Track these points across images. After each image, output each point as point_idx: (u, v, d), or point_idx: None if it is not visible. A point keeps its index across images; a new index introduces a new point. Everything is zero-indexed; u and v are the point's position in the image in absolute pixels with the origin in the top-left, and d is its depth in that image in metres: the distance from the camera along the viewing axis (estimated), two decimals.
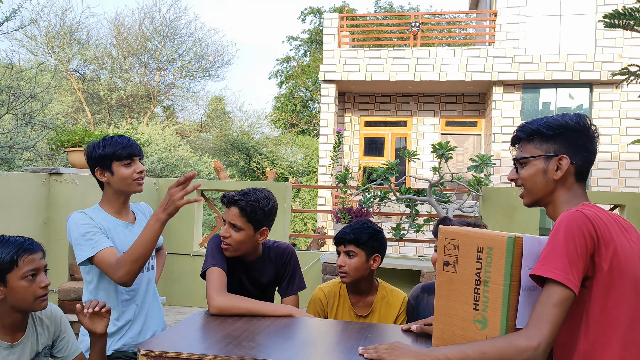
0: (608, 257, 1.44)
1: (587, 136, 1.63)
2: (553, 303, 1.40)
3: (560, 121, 1.63)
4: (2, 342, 1.86)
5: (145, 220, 2.49)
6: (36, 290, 1.85)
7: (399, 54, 11.95)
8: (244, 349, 1.73)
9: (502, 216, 5.37)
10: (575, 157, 1.62)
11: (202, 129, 22.87)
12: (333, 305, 2.49)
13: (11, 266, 1.81)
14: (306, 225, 17.37)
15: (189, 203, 2.12)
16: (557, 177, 1.62)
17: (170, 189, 2.09)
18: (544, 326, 1.40)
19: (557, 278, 1.40)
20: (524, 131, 1.69)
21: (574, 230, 1.44)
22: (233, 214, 2.31)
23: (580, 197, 1.64)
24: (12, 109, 8.70)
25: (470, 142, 13.05)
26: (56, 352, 2.04)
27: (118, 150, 2.28)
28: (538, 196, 1.67)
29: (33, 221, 4.17)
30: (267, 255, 2.47)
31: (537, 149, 1.65)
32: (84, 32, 19.85)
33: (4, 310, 1.86)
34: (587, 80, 11.23)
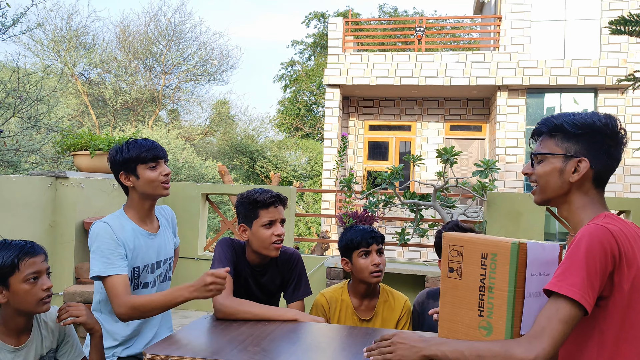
0: (630, 277, 1.38)
1: (613, 140, 1.53)
2: (560, 319, 1.35)
3: (588, 120, 1.52)
4: (7, 346, 1.87)
5: (168, 227, 2.47)
6: (38, 292, 1.85)
7: (403, 58, 11.97)
8: (249, 353, 1.74)
9: (506, 221, 5.36)
10: (596, 162, 1.52)
11: (206, 132, 22.91)
12: (335, 310, 2.50)
13: (12, 269, 1.82)
14: (310, 230, 17.37)
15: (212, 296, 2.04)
16: (573, 180, 1.53)
17: (208, 275, 1.98)
18: (545, 340, 1.35)
19: (573, 296, 1.34)
20: (547, 125, 1.59)
21: (596, 247, 1.37)
22: (282, 210, 2.37)
23: (598, 204, 1.55)
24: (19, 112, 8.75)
25: (475, 147, 13.04)
26: (60, 355, 2.05)
27: (143, 153, 2.23)
28: (550, 196, 1.59)
29: (39, 224, 4.19)
30: (274, 260, 2.48)
31: (557, 147, 1.55)
32: (90, 35, 19.95)
33: (7, 314, 1.87)
34: (592, 85, 11.21)
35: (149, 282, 2.33)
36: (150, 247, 2.31)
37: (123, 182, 2.30)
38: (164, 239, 2.40)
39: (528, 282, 1.50)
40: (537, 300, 1.52)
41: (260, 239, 2.34)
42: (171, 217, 2.53)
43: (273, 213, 2.35)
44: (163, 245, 2.38)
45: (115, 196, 4.79)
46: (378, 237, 2.46)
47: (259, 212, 2.34)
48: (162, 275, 2.39)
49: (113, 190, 4.78)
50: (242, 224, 2.39)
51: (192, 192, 5.98)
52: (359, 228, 2.50)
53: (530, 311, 1.51)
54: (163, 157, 2.30)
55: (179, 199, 5.96)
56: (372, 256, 2.42)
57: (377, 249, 2.45)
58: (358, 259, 2.44)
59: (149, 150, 2.25)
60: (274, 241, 2.33)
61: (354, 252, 2.45)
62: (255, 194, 2.37)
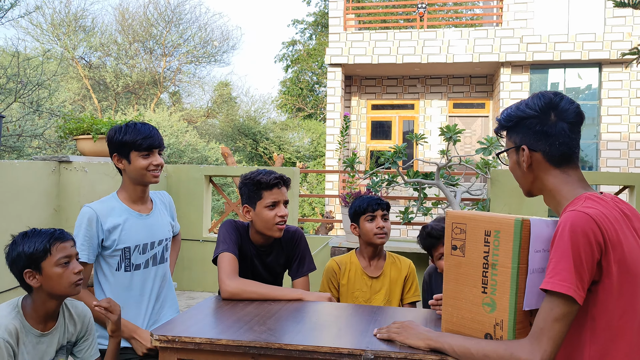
0: (616, 260, 1.38)
1: (546, 119, 1.54)
2: (555, 318, 1.37)
3: (516, 111, 1.59)
4: (35, 330, 1.92)
5: (164, 210, 2.48)
6: (70, 276, 1.91)
7: (405, 36, 11.85)
8: (255, 333, 1.76)
9: (510, 198, 5.36)
10: (536, 145, 1.56)
11: (208, 114, 22.86)
12: (345, 271, 2.66)
13: (45, 254, 1.88)
14: (314, 210, 17.41)
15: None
16: (524, 168, 1.59)
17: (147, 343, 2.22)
18: (545, 342, 1.37)
19: (566, 292, 1.35)
20: (497, 126, 1.67)
21: (579, 237, 1.37)
22: (285, 191, 2.42)
23: (571, 183, 1.55)
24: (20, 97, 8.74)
25: (478, 124, 12.98)
26: (77, 351, 2.10)
27: (138, 140, 2.26)
28: (525, 187, 1.65)
29: (44, 209, 4.21)
30: (278, 240, 2.50)
31: (509, 141, 1.64)
32: (89, 18, 19.82)
33: (39, 299, 1.92)
34: (596, 60, 11.10)
35: (140, 263, 2.34)
36: (142, 227, 2.33)
37: (115, 164, 2.35)
38: (157, 219, 2.41)
39: (531, 258, 1.51)
40: (540, 277, 1.53)
41: (264, 220, 2.36)
42: (168, 201, 2.56)
43: (276, 194, 2.36)
44: (157, 226, 2.40)
45: (118, 180, 4.77)
46: (383, 203, 2.64)
47: (262, 193, 2.36)
48: (157, 257, 2.40)
49: (117, 174, 4.78)
50: (246, 204, 2.41)
51: (195, 174, 5.99)
52: (367, 197, 2.68)
53: (534, 287, 1.52)
54: (158, 147, 2.31)
55: (182, 181, 5.97)
56: (377, 220, 2.61)
57: (382, 215, 2.62)
58: (365, 222, 2.63)
59: (144, 139, 2.27)
60: (277, 222, 2.36)
61: (361, 216, 2.64)
62: (259, 175, 2.38)
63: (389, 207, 2.67)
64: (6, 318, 1.86)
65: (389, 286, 2.64)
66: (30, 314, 1.93)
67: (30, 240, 1.90)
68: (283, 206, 2.38)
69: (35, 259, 1.88)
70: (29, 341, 1.90)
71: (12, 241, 1.94)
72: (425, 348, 1.60)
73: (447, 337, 1.59)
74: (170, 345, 1.73)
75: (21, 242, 1.91)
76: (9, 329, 1.83)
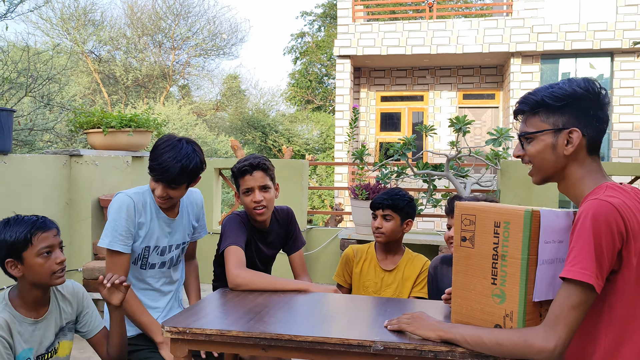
0: (637, 251, 1.36)
1: (597, 103, 1.48)
2: (572, 305, 1.35)
3: (568, 90, 1.48)
4: (28, 319, 1.93)
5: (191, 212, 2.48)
6: (52, 266, 1.90)
7: (414, 26, 11.78)
8: (265, 324, 1.77)
9: (520, 190, 5.33)
10: (587, 129, 1.48)
11: (217, 107, 22.90)
12: (360, 260, 2.72)
13: (26, 244, 1.86)
14: (323, 202, 17.42)
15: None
16: (568, 153, 1.49)
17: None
18: (561, 329, 1.36)
19: (587, 280, 1.33)
20: (527, 103, 1.55)
21: (602, 226, 1.35)
22: (260, 176, 2.42)
23: (596, 172, 1.51)
24: (31, 91, 8.79)
25: (488, 115, 12.90)
26: (80, 326, 2.11)
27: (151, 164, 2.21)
28: (548, 173, 1.55)
29: (56, 203, 4.25)
30: (275, 219, 2.60)
31: (543, 123, 1.51)
32: (98, 12, 19.90)
33: (24, 288, 1.92)
34: (608, 50, 10.97)
35: (156, 263, 2.38)
36: (164, 230, 2.36)
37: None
38: (180, 225, 2.43)
39: (541, 249, 1.50)
40: (550, 268, 1.52)
41: (245, 206, 2.46)
42: (197, 201, 2.54)
43: (249, 181, 2.41)
44: (178, 231, 2.42)
45: (129, 173, 4.83)
46: (384, 203, 2.64)
47: (239, 181, 2.45)
48: (173, 259, 2.44)
49: (127, 167, 4.82)
50: (236, 192, 2.56)
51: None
52: (382, 191, 2.73)
53: (544, 279, 1.51)
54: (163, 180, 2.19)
55: None
56: (377, 220, 2.67)
57: (383, 215, 2.64)
58: (372, 220, 2.71)
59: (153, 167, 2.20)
60: (254, 207, 2.41)
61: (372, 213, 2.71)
62: (237, 164, 2.45)
63: (394, 206, 2.63)
64: None
65: (400, 281, 2.66)
66: (19, 303, 1.92)
67: (12, 229, 1.87)
68: (257, 192, 2.40)
69: (17, 249, 1.86)
70: (24, 330, 1.91)
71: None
72: (436, 339, 1.58)
73: (458, 328, 1.58)
74: (181, 336, 1.74)
75: (2, 231, 1.88)
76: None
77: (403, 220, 2.67)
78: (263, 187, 2.41)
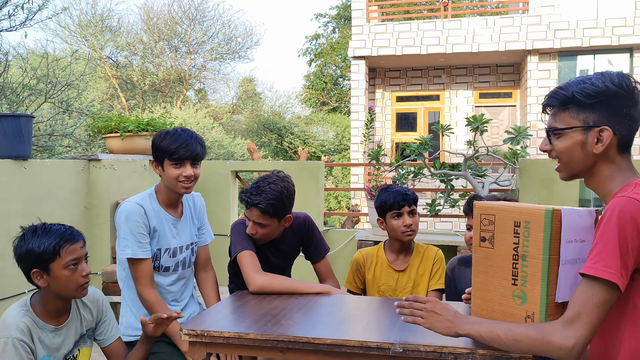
0: None
1: (631, 101, 1.43)
2: (595, 303, 1.32)
3: (600, 86, 1.42)
4: (49, 326, 1.93)
5: (194, 214, 2.50)
6: (78, 278, 1.89)
7: (429, 26, 11.71)
8: (282, 327, 1.76)
9: (540, 189, 5.26)
10: (618, 127, 1.43)
11: (233, 110, 23.01)
12: (371, 265, 2.63)
13: (54, 256, 1.85)
14: (340, 204, 17.40)
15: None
16: (597, 151, 1.44)
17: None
18: (582, 327, 1.33)
19: (610, 278, 1.30)
20: (557, 98, 1.49)
21: (628, 223, 1.31)
22: (256, 215, 2.34)
23: (626, 171, 1.46)
24: (50, 97, 8.91)
25: (505, 114, 12.77)
26: (97, 334, 2.11)
27: (172, 149, 2.24)
28: (576, 170, 1.51)
29: (75, 207, 4.29)
30: (288, 227, 2.54)
31: (573, 119, 1.46)
32: (115, 19, 20.12)
33: (47, 297, 1.92)
34: (627, 45, 10.79)
35: (169, 266, 2.40)
36: (172, 232, 2.38)
37: (154, 169, 2.36)
38: (186, 225, 2.46)
39: (563, 249, 1.47)
40: (573, 268, 1.49)
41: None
42: (199, 205, 2.56)
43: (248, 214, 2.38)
44: (185, 231, 2.44)
45: (146, 177, 4.87)
46: (410, 198, 2.53)
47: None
48: (185, 261, 2.46)
49: (145, 171, 4.85)
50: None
51: (221, 170, 6.03)
52: (392, 190, 2.57)
53: (567, 279, 1.48)
54: (189, 158, 2.27)
55: (209, 177, 6.02)
56: (404, 217, 2.51)
57: (409, 210, 2.53)
58: (391, 220, 2.55)
59: (177, 148, 2.24)
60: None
61: (387, 213, 2.55)
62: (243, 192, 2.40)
63: (416, 200, 2.56)
64: (16, 317, 1.86)
65: (416, 279, 2.59)
66: (40, 310, 1.92)
67: (40, 238, 1.86)
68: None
69: (44, 260, 1.85)
70: (45, 336, 1.91)
71: (21, 235, 1.90)
72: (452, 335, 1.55)
73: (474, 324, 1.52)
74: (199, 339, 1.74)
75: (31, 239, 1.86)
76: (20, 327, 1.83)
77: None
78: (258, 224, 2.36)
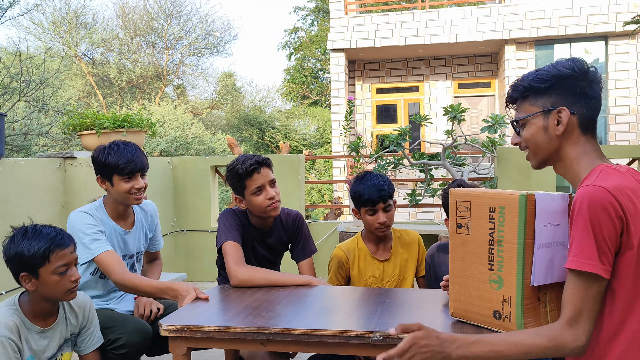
0: (637, 231, 1.36)
1: (585, 81, 1.49)
2: (593, 297, 1.36)
3: (552, 71, 1.50)
4: (35, 327, 1.91)
5: (146, 224, 2.53)
6: (67, 283, 1.88)
7: (407, 17, 11.73)
8: (263, 319, 1.76)
9: (518, 176, 5.32)
10: (575, 107, 1.48)
11: (213, 106, 22.85)
12: (354, 259, 2.53)
13: (43, 261, 1.83)
14: (322, 197, 17.42)
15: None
16: (559, 133, 1.49)
17: (187, 294, 2.05)
18: (586, 322, 1.36)
19: (597, 272, 1.33)
20: (516, 89, 1.56)
21: (599, 213, 1.34)
22: (267, 172, 2.39)
23: (592, 153, 1.50)
24: (24, 95, 8.76)
25: (484, 104, 12.87)
26: (79, 341, 2.09)
27: (120, 165, 2.26)
28: (544, 156, 1.54)
29: (52, 206, 4.23)
30: (278, 221, 2.53)
31: (533, 106, 1.52)
32: (90, 15, 19.86)
33: (35, 299, 1.91)
34: (602, 33, 10.93)
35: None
36: (120, 242, 2.41)
37: (99, 185, 2.37)
38: (135, 235, 2.48)
39: (538, 233, 1.49)
40: (548, 252, 1.51)
41: (256, 205, 2.38)
42: (151, 214, 2.59)
43: (258, 179, 2.36)
44: (133, 242, 2.47)
45: None
46: (385, 195, 2.42)
47: (245, 182, 2.37)
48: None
49: None
50: (237, 196, 2.45)
51: (201, 165, 5.99)
52: (368, 183, 2.45)
53: (542, 262, 1.50)
54: (139, 171, 2.31)
55: (188, 173, 5.98)
56: (378, 214, 2.43)
57: (384, 207, 2.43)
58: (365, 215, 2.46)
59: (127, 163, 2.27)
60: (268, 205, 2.37)
61: (362, 207, 2.47)
62: (237, 166, 2.38)
63: (391, 194, 2.46)
64: (4, 316, 1.84)
65: (401, 266, 2.54)
66: (28, 311, 1.91)
67: (30, 242, 1.83)
68: (269, 188, 2.37)
69: (33, 264, 1.83)
70: (31, 337, 1.90)
71: (11, 236, 1.88)
72: None
73: (469, 346, 1.38)
74: (179, 334, 1.73)
75: (20, 241, 1.84)
76: (9, 325, 1.82)
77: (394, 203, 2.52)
78: (272, 182, 2.39)
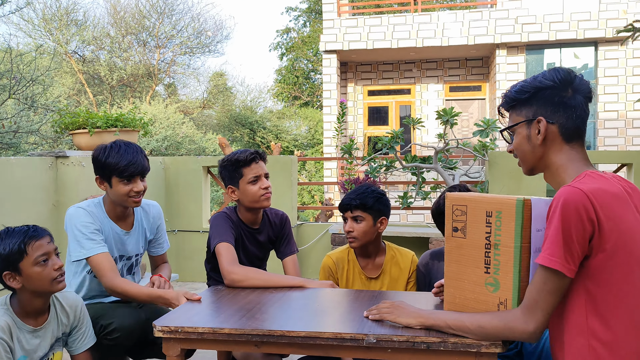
0: (612, 235, 1.37)
1: (564, 91, 1.53)
2: (549, 290, 1.41)
3: (533, 82, 1.56)
4: (27, 326, 1.91)
5: (146, 226, 2.48)
6: (51, 273, 1.88)
7: (399, 20, 11.78)
8: (257, 321, 1.76)
9: (509, 180, 5.36)
10: (554, 117, 1.53)
11: (204, 105, 22.77)
12: (343, 271, 2.48)
13: (21, 255, 1.84)
14: (313, 198, 17.42)
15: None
16: (538, 142, 1.55)
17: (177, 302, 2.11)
18: (539, 313, 1.42)
19: (555, 267, 1.38)
20: (505, 100, 1.64)
21: (571, 214, 1.37)
22: (264, 165, 2.49)
23: (577, 161, 1.54)
24: (14, 93, 8.68)
25: (475, 107, 12.94)
26: (70, 341, 2.09)
27: (120, 167, 2.23)
28: (531, 164, 1.61)
29: (43, 205, 4.19)
30: (266, 219, 2.60)
31: (518, 116, 1.60)
32: (81, 12, 19.76)
33: (24, 298, 1.90)
34: (592, 39, 11.04)
35: None
36: (118, 242, 2.37)
37: (98, 185, 2.33)
38: (134, 237, 2.44)
39: (533, 237, 1.51)
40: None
41: (250, 195, 2.43)
42: (154, 216, 2.54)
43: (256, 169, 2.44)
44: (132, 244, 2.43)
45: None
46: (353, 204, 2.38)
47: (242, 170, 2.44)
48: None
49: None
50: (230, 186, 2.48)
51: (193, 165, 5.97)
52: (353, 190, 2.46)
53: (537, 266, 1.51)
54: (139, 174, 2.28)
55: (180, 173, 5.96)
56: (347, 223, 2.41)
57: (352, 216, 2.39)
58: (344, 223, 2.47)
59: (127, 166, 2.23)
60: (262, 194, 2.44)
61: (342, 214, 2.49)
62: (236, 155, 2.46)
63: (362, 205, 2.36)
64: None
65: (388, 287, 2.47)
66: (19, 311, 1.91)
67: (4, 241, 1.85)
68: (264, 179, 2.46)
69: (12, 260, 1.84)
70: (23, 337, 1.89)
71: None
72: (418, 326, 1.62)
73: (439, 314, 1.63)
74: (173, 335, 1.73)
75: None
76: (1, 325, 1.82)
77: (376, 219, 2.38)
78: (266, 175, 2.49)
